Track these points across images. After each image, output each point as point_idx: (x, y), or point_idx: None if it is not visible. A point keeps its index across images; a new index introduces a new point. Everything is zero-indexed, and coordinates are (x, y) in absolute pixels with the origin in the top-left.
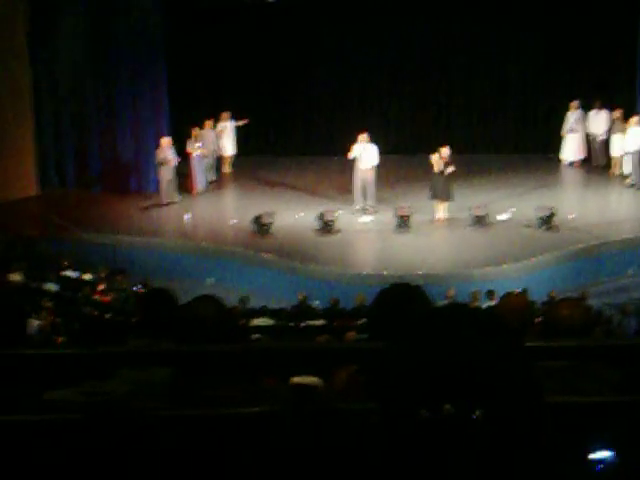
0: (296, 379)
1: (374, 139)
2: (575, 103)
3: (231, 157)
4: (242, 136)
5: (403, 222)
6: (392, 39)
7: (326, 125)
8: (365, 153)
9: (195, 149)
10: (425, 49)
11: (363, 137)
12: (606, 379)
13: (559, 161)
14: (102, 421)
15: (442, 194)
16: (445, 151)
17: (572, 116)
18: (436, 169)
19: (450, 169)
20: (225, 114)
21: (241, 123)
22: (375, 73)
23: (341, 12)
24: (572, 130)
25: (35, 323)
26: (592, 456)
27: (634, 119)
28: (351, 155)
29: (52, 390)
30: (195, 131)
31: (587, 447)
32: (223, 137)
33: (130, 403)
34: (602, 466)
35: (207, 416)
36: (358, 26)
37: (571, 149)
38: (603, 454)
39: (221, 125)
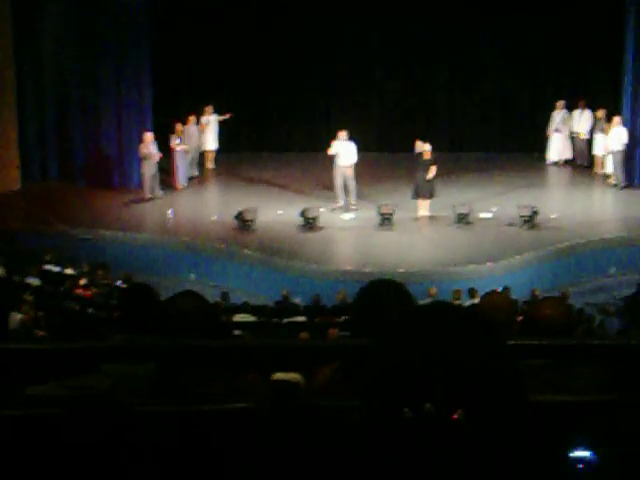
0: (278, 375)
1: (357, 136)
2: (561, 103)
3: (213, 152)
4: (225, 132)
5: (386, 219)
6: (375, 36)
7: (308, 122)
8: (344, 150)
9: (177, 145)
10: (409, 47)
11: (343, 134)
12: (588, 378)
13: (544, 160)
14: (85, 416)
15: (424, 193)
16: (427, 146)
17: (558, 116)
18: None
19: (431, 174)
20: (208, 108)
21: (224, 117)
22: (358, 70)
23: (324, 9)
24: (557, 130)
25: (17, 317)
26: (573, 454)
27: (617, 119)
28: (330, 152)
29: (35, 385)
30: (179, 126)
31: (568, 445)
32: (206, 131)
33: (113, 398)
34: (582, 465)
35: (189, 412)
36: (341, 23)
37: (556, 149)
38: (583, 453)
39: (204, 119)
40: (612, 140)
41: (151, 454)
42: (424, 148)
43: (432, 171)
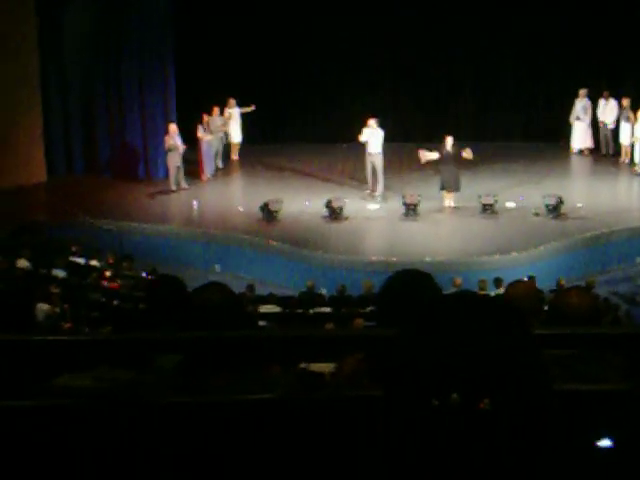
0: (303, 366)
1: (382, 126)
2: (583, 91)
3: (238, 144)
4: (249, 124)
5: (411, 210)
6: (401, 26)
7: (334, 112)
8: (373, 137)
9: (204, 135)
10: (434, 36)
11: (372, 122)
12: (614, 367)
13: (569, 149)
14: (109, 407)
15: (451, 185)
16: (449, 140)
17: (579, 104)
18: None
19: (465, 154)
20: (232, 100)
21: (247, 110)
22: (383, 60)
23: (344, 2)
24: (578, 118)
25: (43, 308)
26: (599, 443)
27: None
28: (361, 138)
29: (61, 376)
30: (206, 117)
31: (594, 435)
32: (230, 123)
33: (136, 390)
34: (605, 454)
35: (214, 403)
36: (367, 14)
37: (578, 137)
38: (607, 442)
39: (228, 111)
40: (639, 129)
41: (175, 447)
42: (447, 141)
43: (465, 153)
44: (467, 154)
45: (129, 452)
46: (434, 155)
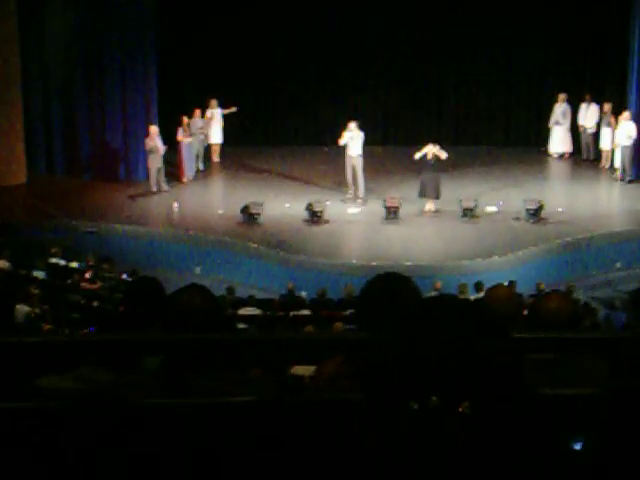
0: (289, 369)
1: (363, 129)
2: (562, 96)
3: (219, 145)
4: (230, 126)
5: (392, 213)
6: (382, 29)
7: (315, 115)
8: (353, 140)
9: (184, 137)
10: (416, 40)
11: (352, 125)
12: (593, 371)
13: (549, 154)
14: (90, 409)
15: (431, 192)
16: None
17: (559, 108)
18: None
19: (444, 155)
20: (213, 101)
21: (228, 111)
22: (365, 64)
23: (330, 3)
24: (557, 122)
25: (23, 310)
26: (576, 446)
27: (626, 114)
28: (341, 141)
29: (43, 377)
30: (185, 119)
31: (570, 437)
32: (211, 125)
33: (118, 391)
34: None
35: (195, 405)
36: (348, 15)
37: (557, 141)
38: (579, 445)
39: (208, 112)
40: (621, 135)
41: (155, 448)
42: (428, 148)
43: (442, 154)
44: (443, 155)
45: (112, 453)
46: (426, 148)
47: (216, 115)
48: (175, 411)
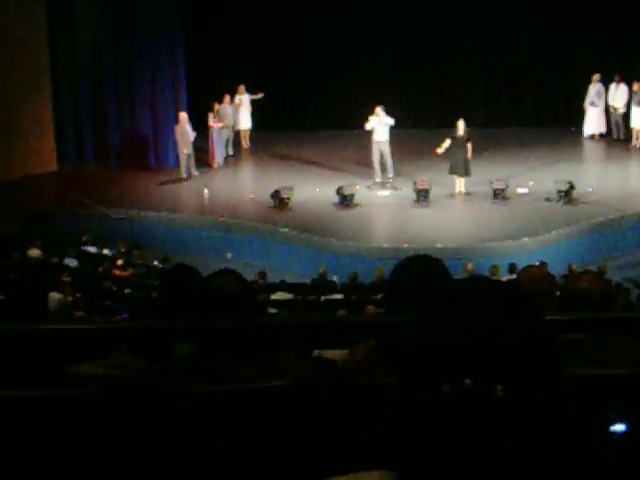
0: (316, 353)
1: (392, 113)
2: (596, 76)
3: (247, 131)
4: (260, 111)
5: (422, 196)
6: (411, 11)
7: (344, 99)
8: (380, 125)
9: (215, 123)
10: (444, 22)
11: (379, 109)
12: (627, 351)
13: (580, 134)
14: (122, 395)
15: (461, 170)
16: (461, 124)
17: (593, 89)
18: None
19: (469, 154)
20: (241, 87)
21: (256, 96)
22: (394, 47)
23: None
24: (593, 103)
25: (55, 297)
26: (613, 428)
27: None
28: (367, 126)
29: (76, 364)
30: (216, 105)
31: (607, 419)
32: (240, 110)
33: (151, 378)
34: (620, 438)
35: (227, 391)
36: (377, 3)
37: (592, 122)
38: (620, 427)
39: (238, 98)
40: None
41: (187, 434)
42: (458, 125)
43: (469, 149)
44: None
45: (144, 440)
46: (446, 143)
47: (245, 101)
48: (207, 398)
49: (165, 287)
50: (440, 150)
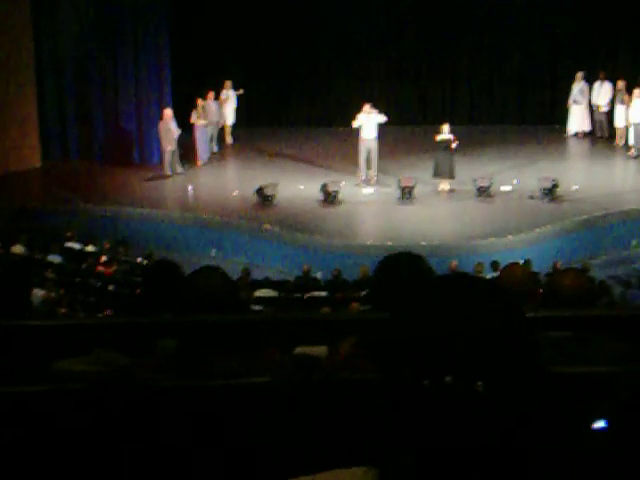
0: (299, 349)
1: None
2: (580, 74)
3: (231, 126)
4: (244, 107)
5: (407, 193)
6: (395, 9)
7: (329, 96)
8: (368, 123)
9: (198, 120)
10: (429, 20)
11: (367, 107)
12: (610, 349)
13: (564, 132)
14: (106, 391)
15: (445, 172)
16: (446, 128)
17: (576, 87)
18: (439, 141)
19: (455, 144)
20: (227, 82)
21: (238, 92)
22: (379, 44)
23: None
24: (576, 101)
25: (39, 294)
26: (595, 426)
27: (638, 91)
28: (355, 124)
29: (60, 360)
30: (200, 101)
31: (590, 417)
32: (226, 105)
33: (134, 374)
34: (600, 436)
35: (211, 387)
36: None
37: (575, 120)
38: (600, 424)
39: (224, 93)
40: (634, 112)
41: (170, 430)
42: (443, 129)
43: (453, 144)
44: (452, 145)
45: (128, 435)
46: (449, 136)
47: (230, 96)
48: (191, 393)
49: (146, 283)
50: (438, 137)
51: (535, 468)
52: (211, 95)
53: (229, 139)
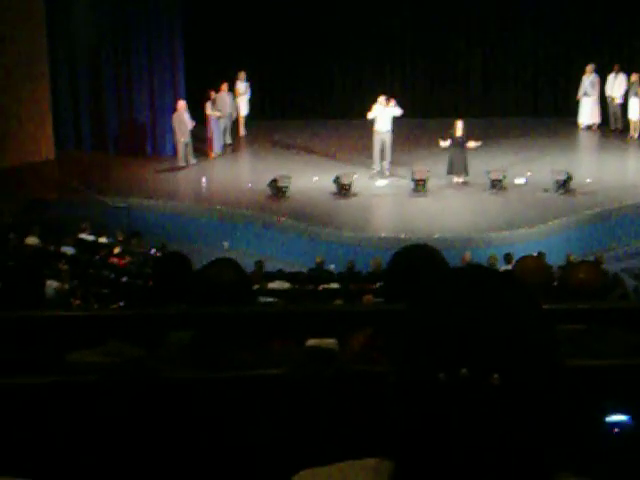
0: (312, 342)
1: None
2: (590, 67)
3: (244, 117)
4: (258, 99)
5: (420, 186)
6: (407, 2)
7: (342, 88)
8: (382, 115)
9: (213, 112)
10: (442, 12)
11: (382, 99)
12: (624, 342)
13: (577, 125)
14: (120, 382)
15: (459, 169)
16: (459, 125)
17: (587, 80)
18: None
19: (473, 144)
20: (241, 74)
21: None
22: (393, 36)
23: None
24: (586, 94)
25: (53, 285)
26: (609, 419)
27: None
28: (370, 115)
29: (74, 351)
30: (213, 94)
31: (605, 410)
32: (240, 96)
33: (148, 365)
34: (618, 429)
35: (224, 379)
36: None
37: (586, 113)
38: (620, 417)
39: (240, 84)
40: None
41: (183, 421)
42: (457, 125)
43: (471, 144)
44: (472, 145)
45: (141, 427)
46: (447, 142)
47: (244, 87)
48: (205, 385)
49: (157, 275)
50: (441, 143)
51: (551, 463)
52: (224, 87)
53: (243, 131)
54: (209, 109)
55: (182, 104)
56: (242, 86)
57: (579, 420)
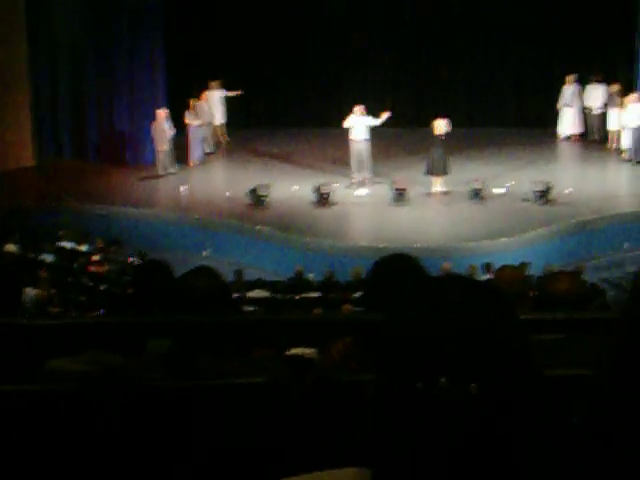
0: (293, 351)
1: (371, 112)
2: (571, 77)
3: (222, 126)
4: (238, 108)
5: (400, 195)
6: (389, 10)
7: (322, 97)
8: (358, 125)
9: (192, 120)
10: (423, 21)
11: (358, 109)
12: (602, 352)
13: (556, 135)
14: (100, 391)
15: (438, 169)
16: (439, 123)
17: (568, 90)
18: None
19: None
20: (214, 83)
21: (233, 94)
22: (372, 45)
23: None
24: (567, 104)
25: (32, 293)
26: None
27: (634, 95)
28: (345, 124)
29: (53, 359)
30: (193, 102)
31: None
32: (213, 107)
33: (127, 373)
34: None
35: (203, 387)
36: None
37: (567, 123)
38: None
39: (208, 94)
40: (629, 116)
41: (163, 429)
42: (436, 124)
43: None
44: (384, 117)
45: (121, 434)
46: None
47: (217, 96)
48: (184, 393)
49: (137, 282)
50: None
51: (530, 470)
52: (205, 96)
53: (222, 139)
54: (188, 118)
55: (161, 113)
56: (216, 95)
57: (554, 427)
